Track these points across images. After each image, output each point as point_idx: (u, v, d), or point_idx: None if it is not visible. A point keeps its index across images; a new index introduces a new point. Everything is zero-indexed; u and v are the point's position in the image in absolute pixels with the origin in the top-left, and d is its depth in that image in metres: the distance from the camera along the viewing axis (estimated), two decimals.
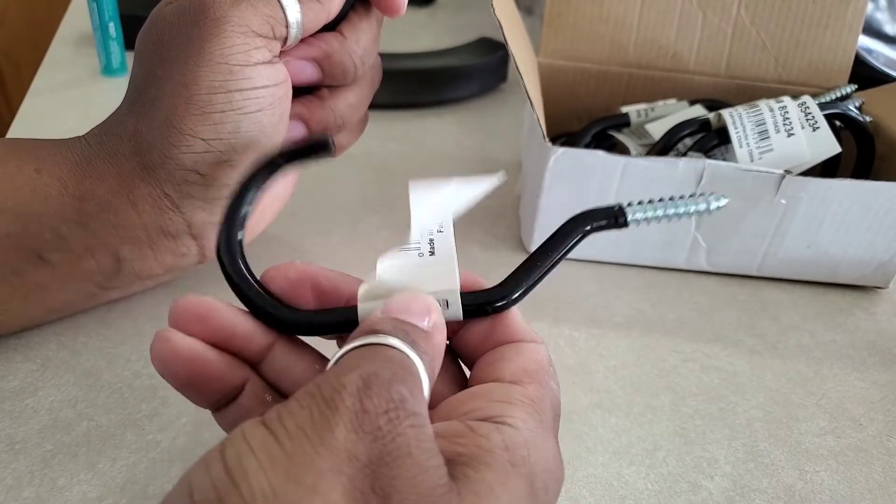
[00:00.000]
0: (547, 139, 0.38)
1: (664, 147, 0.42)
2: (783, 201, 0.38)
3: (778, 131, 0.40)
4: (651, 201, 0.25)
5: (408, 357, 0.20)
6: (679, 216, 0.25)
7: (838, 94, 0.45)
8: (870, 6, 0.58)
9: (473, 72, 0.59)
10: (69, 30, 0.65)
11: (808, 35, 0.47)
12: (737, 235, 0.40)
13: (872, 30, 0.58)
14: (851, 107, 0.43)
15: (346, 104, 0.35)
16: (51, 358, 0.33)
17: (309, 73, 0.33)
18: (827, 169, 0.42)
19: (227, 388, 0.23)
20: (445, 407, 0.22)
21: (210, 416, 0.24)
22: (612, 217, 0.25)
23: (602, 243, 0.41)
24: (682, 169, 0.38)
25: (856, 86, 0.46)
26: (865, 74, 0.52)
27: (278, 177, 0.27)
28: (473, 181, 0.24)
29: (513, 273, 0.25)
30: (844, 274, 0.41)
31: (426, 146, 0.53)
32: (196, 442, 0.30)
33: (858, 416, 0.34)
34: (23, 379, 0.32)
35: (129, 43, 0.58)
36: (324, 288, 0.25)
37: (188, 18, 0.29)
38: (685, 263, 0.42)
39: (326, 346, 0.26)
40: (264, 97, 0.30)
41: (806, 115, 0.41)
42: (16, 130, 0.50)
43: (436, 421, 0.21)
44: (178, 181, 0.30)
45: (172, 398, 0.31)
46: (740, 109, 0.41)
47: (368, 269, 0.24)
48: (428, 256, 0.24)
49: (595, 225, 0.25)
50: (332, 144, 0.28)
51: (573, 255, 0.26)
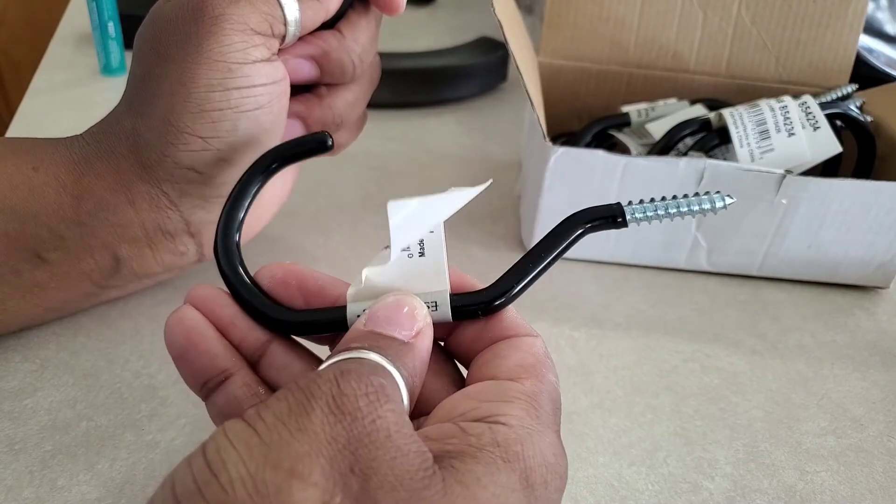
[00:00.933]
0: (547, 139, 0.38)
1: (665, 147, 0.42)
2: (784, 201, 0.38)
3: (779, 131, 0.40)
4: (653, 200, 0.25)
5: (385, 368, 0.20)
6: (682, 215, 0.25)
7: (839, 94, 0.45)
8: (870, 6, 0.57)
9: (473, 71, 0.59)
10: (68, 29, 0.65)
11: (809, 35, 0.47)
12: (737, 235, 0.40)
13: (873, 29, 0.58)
14: (852, 106, 0.43)
15: (345, 102, 0.35)
16: (50, 358, 0.33)
17: (307, 72, 0.33)
18: (828, 169, 0.42)
19: (216, 371, 0.24)
20: (439, 409, 0.22)
21: (209, 417, 0.24)
22: (611, 216, 0.24)
23: (602, 243, 0.41)
24: (683, 169, 0.38)
25: (856, 85, 0.46)
26: (866, 74, 0.51)
27: (276, 175, 0.27)
28: (457, 193, 0.24)
29: (506, 273, 0.24)
30: (845, 274, 0.41)
31: (426, 146, 0.53)
32: (195, 442, 0.30)
33: (859, 417, 0.34)
34: (22, 379, 0.32)
35: (129, 42, 0.58)
36: (310, 288, 0.25)
37: (186, 16, 0.29)
38: (685, 263, 0.42)
39: (324, 348, 0.26)
40: (262, 95, 0.30)
41: (807, 115, 0.40)
42: (15, 130, 0.50)
43: (430, 424, 0.21)
44: (177, 179, 0.30)
45: (172, 398, 0.31)
46: (741, 109, 0.41)
47: (358, 269, 0.24)
48: (418, 257, 0.24)
49: (592, 225, 0.24)
50: (331, 142, 0.28)
51: (573, 256, 0.26)
